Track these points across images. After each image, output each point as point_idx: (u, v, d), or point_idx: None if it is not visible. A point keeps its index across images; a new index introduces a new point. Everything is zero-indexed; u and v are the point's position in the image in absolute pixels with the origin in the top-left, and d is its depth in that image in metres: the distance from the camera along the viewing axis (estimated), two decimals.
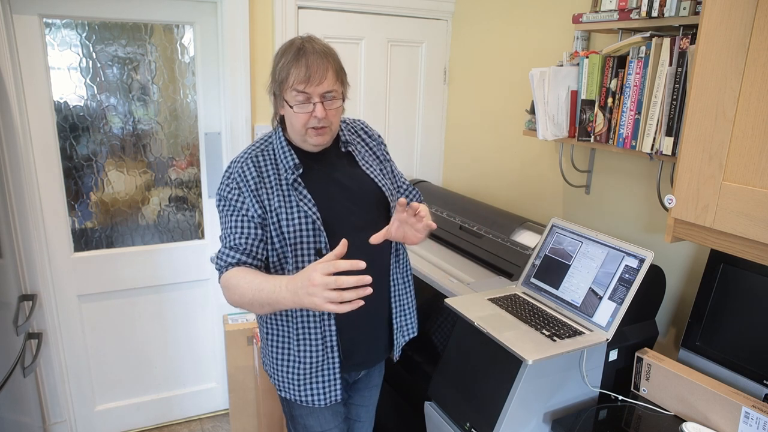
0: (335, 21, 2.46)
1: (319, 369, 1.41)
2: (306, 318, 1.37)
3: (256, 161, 1.36)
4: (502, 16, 2.37)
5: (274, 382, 1.48)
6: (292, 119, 1.32)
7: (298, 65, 1.26)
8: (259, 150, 1.38)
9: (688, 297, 1.71)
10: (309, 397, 1.42)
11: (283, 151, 1.37)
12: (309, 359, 1.40)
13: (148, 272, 2.41)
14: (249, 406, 2.45)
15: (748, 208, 1.13)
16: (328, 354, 1.40)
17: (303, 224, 1.32)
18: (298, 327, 1.38)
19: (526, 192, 2.34)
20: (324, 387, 1.42)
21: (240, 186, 1.33)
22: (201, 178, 2.45)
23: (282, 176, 1.35)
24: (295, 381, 1.42)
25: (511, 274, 1.89)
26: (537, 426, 1.50)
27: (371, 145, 1.53)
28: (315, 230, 1.33)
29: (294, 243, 1.33)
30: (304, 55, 1.27)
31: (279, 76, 1.30)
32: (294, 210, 1.32)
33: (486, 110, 2.53)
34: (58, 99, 2.12)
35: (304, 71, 1.26)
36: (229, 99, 2.32)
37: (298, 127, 1.32)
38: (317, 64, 1.27)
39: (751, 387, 1.42)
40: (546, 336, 1.44)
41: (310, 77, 1.26)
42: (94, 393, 2.46)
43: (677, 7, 1.41)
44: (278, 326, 1.42)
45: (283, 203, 1.33)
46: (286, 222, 1.32)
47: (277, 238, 1.33)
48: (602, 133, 1.69)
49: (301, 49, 1.27)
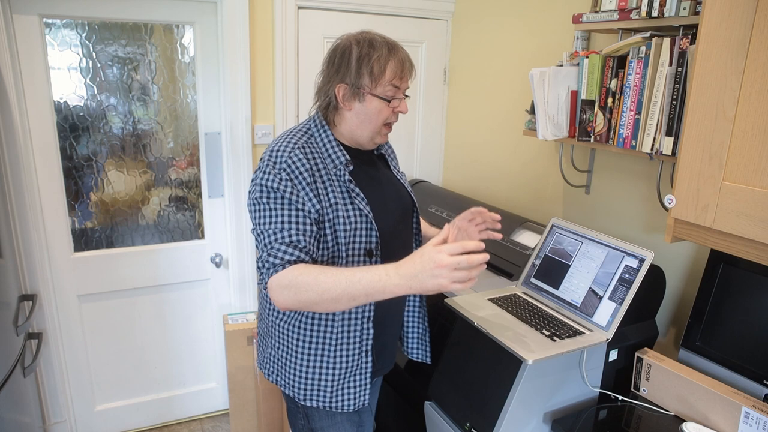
0: (335, 21, 2.46)
1: (352, 373, 1.38)
2: (348, 321, 1.34)
3: (304, 152, 1.26)
4: (502, 16, 2.37)
5: (294, 393, 1.39)
6: (372, 114, 1.28)
7: (396, 60, 1.25)
8: (302, 141, 1.29)
9: (688, 297, 1.71)
10: (339, 402, 1.39)
11: (332, 146, 1.31)
12: (345, 363, 1.36)
13: (148, 272, 2.41)
14: (249, 406, 2.45)
15: (748, 208, 1.13)
16: (363, 358, 1.37)
17: (359, 222, 1.29)
18: (338, 331, 1.34)
19: (526, 192, 2.34)
20: (355, 391, 1.39)
21: (291, 177, 1.23)
22: (201, 178, 2.45)
23: (332, 171, 1.29)
24: (326, 387, 1.37)
25: (511, 274, 1.89)
26: (537, 426, 1.50)
27: (389, 151, 1.54)
28: (369, 230, 1.30)
29: (348, 242, 1.28)
30: (396, 50, 1.26)
31: (373, 70, 1.24)
32: (350, 207, 1.28)
33: (486, 110, 2.53)
34: (58, 99, 2.12)
35: (400, 66, 1.25)
36: (229, 99, 2.32)
37: (378, 123, 1.29)
38: (408, 60, 1.27)
39: (751, 387, 1.42)
40: (546, 336, 1.44)
41: (404, 72, 1.26)
42: (94, 393, 2.46)
43: (677, 7, 1.41)
44: (312, 332, 1.35)
45: (340, 200, 1.27)
46: (343, 219, 1.27)
47: (330, 236, 1.27)
48: (602, 133, 1.68)
49: (391, 45, 1.27)
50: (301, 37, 2.41)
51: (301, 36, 2.41)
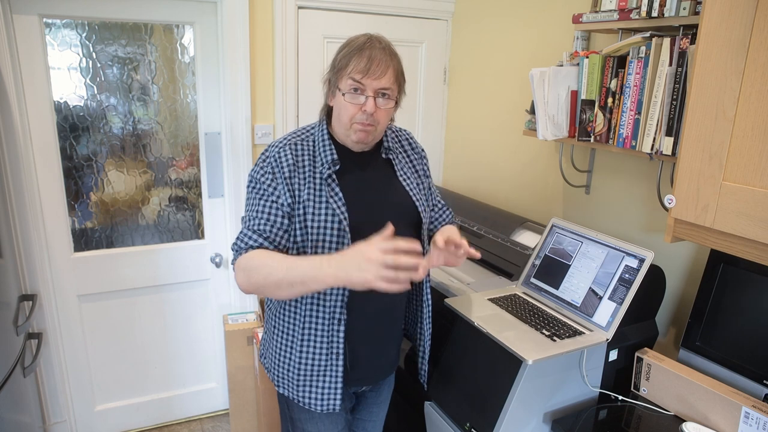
0: (335, 21, 2.46)
1: (320, 374, 1.38)
2: (315, 318, 1.35)
3: (295, 148, 1.33)
4: (502, 16, 2.37)
5: (272, 377, 1.47)
6: (340, 109, 1.30)
7: (361, 56, 1.26)
8: (299, 138, 1.36)
9: (688, 297, 1.71)
10: (307, 399, 1.41)
11: (324, 143, 1.34)
12: (311, 361, 1.38)
13: (148, 272, 2.41)
14: (249, 406, 2.45)
15: (748, 208, 1.13)
16: (333, 360, 1.37)
17: (329, 222, 1.30)
18: (304, 325, 1.36)
19: (526, 192, 2.34)
20: (324, 392, 1.39)
21: (274, 171, 1.31)
22: (201, 178, 2.45)
23: (318, 169, 1.32)
24: (294, 379, 1.41)
25: (511, 274, 1.89)
26: (537, 426, 1.50)
27: (413, 157, 1.50)
28: (340, 230, 1.30)
29: (316, 240, 1.30)
30: (370, 48, 1.27)
31: (339, 64, 1.29)
32: (323, 206, 1.30)
33: (486, 110, 2.53)
34: (58, 99, 2.12)
35: (365, 62, 1.25)
36: (229, 99, 2.32)
37: (345, 119, 1.30)
38: (380, 59, 1.26)
39: (751, 387, 1.42)
40: (546, 336, 1.44)
41: (370, 69, 1.25)
42: (94, 393, 2.46)
43: (677, 7, 1.41)
44: (285, 320, 1.40)
45: (313, 196, 1.30)
46: (311, 216, 1.29)
47: (300, 231, 1.30)
48: (602, 133, 1.68)
49: (368, 42, 1.28)
50: (301, 37, 2.41)
51: (301, 36, 2.41)
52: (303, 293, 1.20)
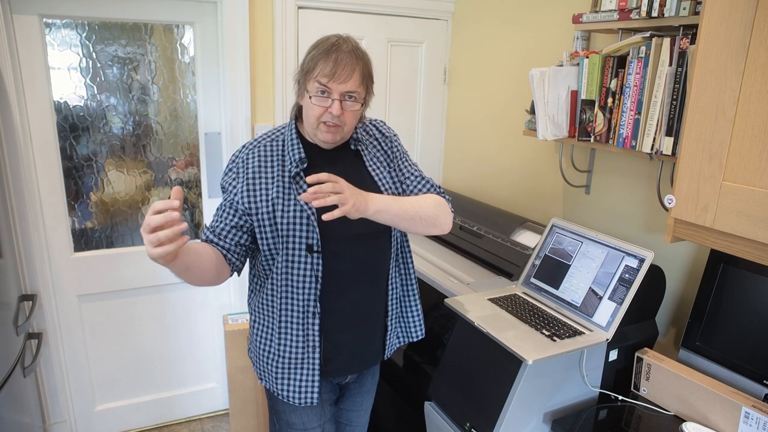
0: (335, 21, 2.46)
1: (297, 367, 1.41)
2: (289, 311, 1.39)
3: (264, 150, 1.38)
4: (502, 16, 2.37)
5: (255, 370, 1.50)
6: (308, 110, 1.33)
7: (327, 59, 1.28)
8: (270, 139, 1.41)
9: (688, 297, 1.71)
10: (285, 392, 1.43)
11: (292, 143, 1.38)
12: (288, 354, 1.41)
13: (148, 272, 2.41)
14: (249, 406, 2.45)
15: (748, 208, 1.13)
16: (309, 353, 1.40)
17: (297, 218, 1.33)
18: (281, 319, 1.40)
19: (526, 192, 2.34)
20: (301, 385, 1.42)
21: (238, 171, 1.37)
22: (201, 178, 2.45)
23: (286, 168, 1.36)
24: (273, 372, 1.44)
25: (511, 274, 1.89)
26: (537, 426, 1.50)
27: (383, 144, 1.50)
28: (308, 225, 1.34)
29: (286, 236, 1.34)
30: (336, 51, 1.28)
31: (306, 66, 1.31)
32: (291, 203, 1.34)
33: (486, 110, 2.53)
34: (58, 99, 2.12)
35: (331, 66, 1.27)
36: (229, 99, 2.32)
37: (312, 119, 1.33)
38: (345, 63, 1.28)
39: (751, 387, 1.42)
40: (546, 336, 1.44)
41: (335, 73, 1.27)
42: (94, 393, 2.46)
43: (677, 7, 1.41)
44: (263, 315, 1.44)
45: (282, 194, 1.34)
46: (281, 213, 1.33)
47: (269, 229, 1.35)
48: (602, 133, 1.69)
49: (335, 45, 1.29)
50: (301, 37, 2.41)
51: (301, 36, 2.41)
52: (186, 279, 1.21)
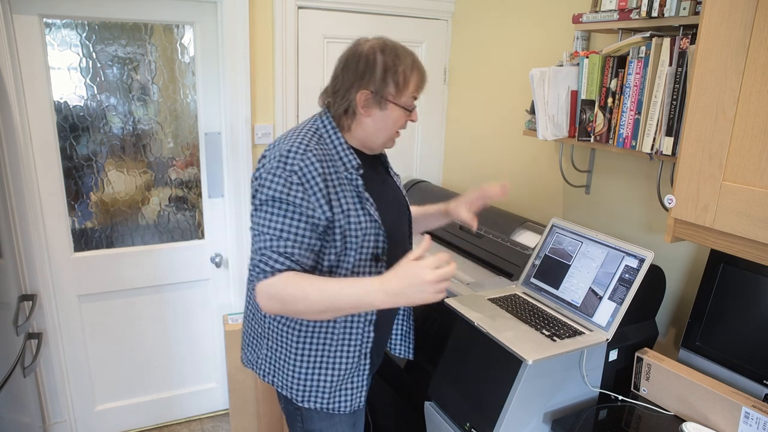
0: (335, 21, 2.46)
1: (351, 375, 1.39)
2: (350, 325, 1.35)
3: (318, 156, 1.23)
4: (502, 16, 2.37)
5: (292, 395, 1.39)
6: (390, 122, 1.31)
7: (419, 72, 1.30)
8: (313, 143, 1.25)
9: (688, 297, 1.71)
10: (336, 404, 1.39)
11: (343, 149, 1.30)
12: (345, 365, 1.37)
13: (148, 272, 2.41)
14: (249, 406, 2.45)
15: (748, 208, 1.13)
16: (362, 360, 1.39)
17: (369, 228, 1.29)
18: (340, 335, 1.35)
19: (526, 192, 2.34)
20: (352, 393, 1.40)
21: (303, 182, 1.19)
22: (201, 178, 2.45)
23: (343, 176, 1.27)
24: (324, 388, 1.37)
25: (511, 274, 1.89)
26: (537, 426, 1.50)
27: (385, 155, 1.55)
28: (377, 234, 1.31)
29: (358, 247, 1.28)
30: (418, 63, 1.31)
31: (398, 80, 1.27)
32: (361, 213, 1.28)
33: (486, 110, 2.53)
34: (58, 99, 2.12)
35: (422, 78, 1.31)
36: (229, 99, 2.32)
37: (393, 130, 1.33)
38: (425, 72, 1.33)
39: (751, 387, 1.42)
40: (546, 336, 1.44)
41: (424, 84, 1.32)
42: (94, 393, 2.46)
43: (677, 7, 1.41)
44: (313, 336, 1.34)
45: (352, 205, 1.26)
46: (355, 226, 1.26)
47: (340, 240, 1.25)
48: (602, 133, 1.68)
49: (412, 55, 1.31)
50: (301, 37, 2.41)
51: (301, 36, 2.41)
52: None
